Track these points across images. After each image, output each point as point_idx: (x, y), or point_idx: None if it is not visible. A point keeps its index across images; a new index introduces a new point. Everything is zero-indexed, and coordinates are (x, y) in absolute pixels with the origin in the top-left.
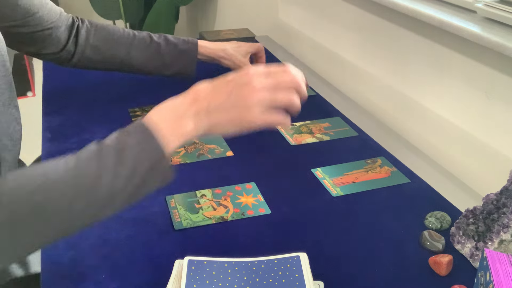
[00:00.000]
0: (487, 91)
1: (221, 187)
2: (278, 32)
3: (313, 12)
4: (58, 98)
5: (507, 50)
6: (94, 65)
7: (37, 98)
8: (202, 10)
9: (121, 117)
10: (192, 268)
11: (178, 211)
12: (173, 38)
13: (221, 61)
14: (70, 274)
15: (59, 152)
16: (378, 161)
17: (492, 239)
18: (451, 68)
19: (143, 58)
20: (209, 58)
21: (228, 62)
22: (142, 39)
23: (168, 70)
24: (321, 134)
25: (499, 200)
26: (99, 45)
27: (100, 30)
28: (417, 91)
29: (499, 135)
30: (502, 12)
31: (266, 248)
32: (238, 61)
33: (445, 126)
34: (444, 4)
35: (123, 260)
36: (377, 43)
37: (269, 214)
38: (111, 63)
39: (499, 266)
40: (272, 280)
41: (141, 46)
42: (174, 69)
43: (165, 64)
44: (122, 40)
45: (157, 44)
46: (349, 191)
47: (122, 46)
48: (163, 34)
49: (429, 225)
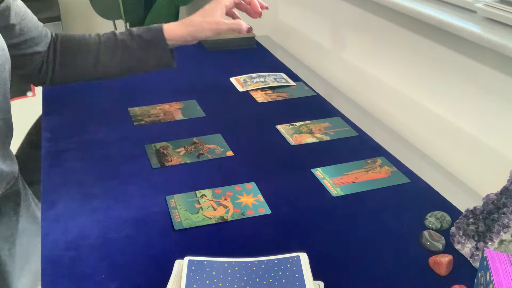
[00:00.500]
0: (486, 91)
1: (221, 187)
2: (278, 32)
3: (313, 13)
4: (58, 98)
5: (507, 50)
6: (67, 79)
7: (37, 98)
8: None
9: (121, 117)
10: (192, 268)
11: (178, 211)
12: (136, 30)
13: (196, 35)
14: (70, 274)
15: (59, 152)
16: (378, 161)
17: (492, 239)
18: (451, 68)
19: (114, 60)
20: (181, 39)
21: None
22: (108, 41)
23: (145, 65)
24: (321, 134)
25: (499, 200)
26: (66, 59)
27: (65, 42)
28: (417, 91)
29: (499, 135)
30: (502, 12)
31: (266, 248)
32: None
33: (445, 126)
34: (444, 4)
35: (123, 260)
36: (377, 43)
37: (269, 214)
38: (83, 74)
39: (499, 266)
40: (272, 280)
41: (109, 49)
42: (151, 62)
43: (139, 60)
44: (88, 48)
45: (122, 41)
46: (349, 191)
47: (90, 54)
48: (129, 29)
49: (429, 225)
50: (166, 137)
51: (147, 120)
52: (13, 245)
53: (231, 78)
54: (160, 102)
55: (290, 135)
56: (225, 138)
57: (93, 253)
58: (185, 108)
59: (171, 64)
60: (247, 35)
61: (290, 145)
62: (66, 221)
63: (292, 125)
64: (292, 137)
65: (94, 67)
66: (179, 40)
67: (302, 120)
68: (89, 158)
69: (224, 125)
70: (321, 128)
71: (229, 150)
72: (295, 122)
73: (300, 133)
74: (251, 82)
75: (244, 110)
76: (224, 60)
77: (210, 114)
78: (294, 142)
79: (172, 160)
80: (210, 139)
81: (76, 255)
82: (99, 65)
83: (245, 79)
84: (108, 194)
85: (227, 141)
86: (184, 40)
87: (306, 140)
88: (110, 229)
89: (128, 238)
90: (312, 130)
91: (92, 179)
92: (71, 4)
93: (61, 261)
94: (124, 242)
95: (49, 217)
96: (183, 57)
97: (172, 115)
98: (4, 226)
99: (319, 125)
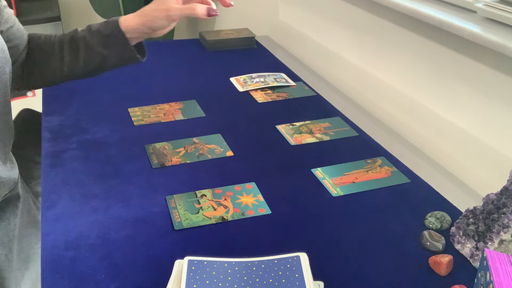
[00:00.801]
0: (486, 91)
1: (221, 187)
2: (278, 32)
3: (313, 12)
4: (58, 98)
5: (507, 50)
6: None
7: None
8: None
9: (121, 117)
10: (192, 268)
11: (178, 211)
12: (96, 25)
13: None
14: (70, 274)
15: (59, 152)
16: (378, 161)
17: (492, 239)
18: (451, 68)
19: (79, 59)
20: (137, 30)
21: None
22: (71, 40)
23: (110, 62)
24: (321, 134)
25: (499, 200)
26: (32, 62)
27: (32, 45)
28: (417, 91)
29: (499, 135)
30: (502, 12)
31: (266, 248)
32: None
33: (445, 126)
34: (444, 4)
35: (123, 260)
36: (377, 43)
37: (269, 214)
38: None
39: (499, 266)
40: (272, 280)
41: (71, 48)
42: (114, 58)
43: (102, 56)
44: (52, 49)
45: (83, 38)
46: (349, 191)
47: (54, 56)
48: (89, 24)
49: (429, 225)
50: (166, 137)
51: (147, 120)
52: (10, 251)
53: (231, 78)
54: (160, 102)
55: (290, 135)
56: (225, 138)
57: (93, 253)
58: (185, 108)
59: (135, 58)
60: (247, 35)
61: (290, 145)
62: (66, 221)
63: (292, 125)
64: (292, 137)
65: (60, 68)
66: (135, 32)
67: (302, 120)
68: (89, 158)
69: (224, 125)
70: (321, 128)
71: (229, 150)
72: (295, 122)
73: (300, 133)
74: (251, 82)
75: (244, 110)
76: (224, 60)
77: (210, 114)
78: (294, 142)
79: (172, 160)
80: (210, 139)
81: (76, 255)
82: (64, 65)
83: (245, 79)
84: (108, 194)
85: (227, 141)
86: (142, 32)
87: (306, 140)
88: (110, 229)
89: (128, 238)
90: (312, 130)
91: (92, 179)
92: (71, 4)
93: (61, 261)
94: (124, 242)
95: (49, 217)
96: (183, 57)
97: (172, 115)
98: (2, 231)
99: (319, 125)
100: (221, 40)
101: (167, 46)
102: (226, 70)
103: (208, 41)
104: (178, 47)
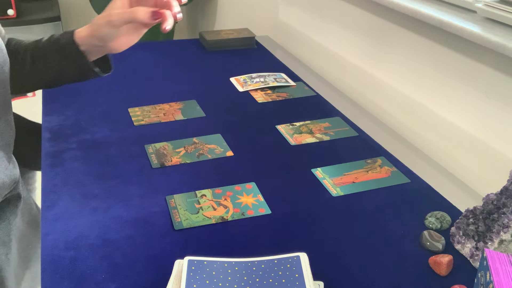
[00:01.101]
0: (486, 91)
1: (221, 187)
2: (278, 32)
3: (313, 12)
4: (58, 98)
5: (507, 50)
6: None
7: (37, 98)
8: (202, 10)
9: (121, 117)
10: (192, 268)
11: (178, 211)
12: (57, 35)
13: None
14: (70, 274)
15: (59, 152)
16: (378, 161)
17: (492, 239)
18: (451, 68)
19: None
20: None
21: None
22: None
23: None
24: (321, 134)
25: (499, 200)
26: None
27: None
28: (417, 91)
29: (499, 135)
30: (502, 12)
31: (266, 248)
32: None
33: (445, 126)
34: (444, 4)
35: (123, 260)
36: (377, 43)
37: (269, 214)
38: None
39: (499, 266)
40: (272, 280)
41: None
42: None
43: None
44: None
45: (42, 48)
46: (349, 191)
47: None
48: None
49: (429, 225)
50: (166, 137)
51: (147, 120)
52: (11, 250)
53: (231, 78)
54: (160, 102)
55: (290, 135)
56: (225, 138)
57: (93, 253)
58: (185, 108)
59: (93, 72)
60: (247, 35)
61: (290, 145)
62: (66, 221)
63: (292, 125)
64: (292, 137)
65: (23, 76)
66: (87, 44)
67: (302, 120)
68: (89, 158)
69: (224, 125)
70: (321, 128)
71: (229, 150)
72: (295, 122)
73: (300, 133)
74: (251, 82)
75: (244, 110)
76: (224, 60)
77: (210, 114)
78: (294, 142)
79: (172, 160)
80: (210, 139)
81: (76, 255)
82: (26, 74)
83: (245, 79)
84: (108, 194)
85: (227, 141)
86: (92, 44)
87: (306, 140)
88: (110, 229)
89: (128, 238)
90: (312, 130)
91: (92, 179)
92: (71, 4)
93: (61, 261)
94: (124, 242)
95: (49, 217)
96: (183, 57)
97: (172, 115)
98: (3, 231)
99: (319, 125)
100: (221, 40)
101: (167, 46)
102: (226, 70)
103: (208, 41)
104: (178, 47)
